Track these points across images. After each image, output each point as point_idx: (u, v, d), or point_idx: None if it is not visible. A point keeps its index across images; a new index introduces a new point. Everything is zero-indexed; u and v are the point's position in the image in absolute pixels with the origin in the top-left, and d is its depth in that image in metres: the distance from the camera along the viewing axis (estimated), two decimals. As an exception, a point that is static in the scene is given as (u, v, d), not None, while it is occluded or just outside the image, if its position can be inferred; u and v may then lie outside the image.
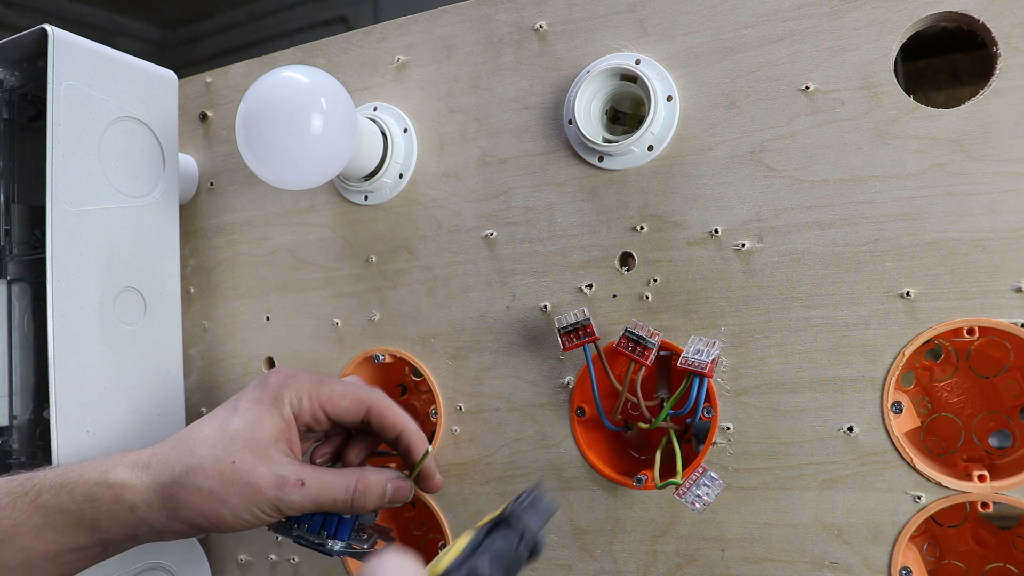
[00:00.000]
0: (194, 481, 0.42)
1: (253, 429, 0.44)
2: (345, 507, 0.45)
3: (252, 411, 0.45)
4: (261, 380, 0.47)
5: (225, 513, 0.42)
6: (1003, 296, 0.42)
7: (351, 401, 0.47)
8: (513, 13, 0.54)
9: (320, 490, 0.44)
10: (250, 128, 0.48)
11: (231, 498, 0.42)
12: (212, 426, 0.45)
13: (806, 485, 0.46)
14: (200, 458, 0.43)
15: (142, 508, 0.42)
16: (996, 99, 0.42)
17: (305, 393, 0.46)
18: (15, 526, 0.41)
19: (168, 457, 0.44)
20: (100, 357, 0.54)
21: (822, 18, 0.46)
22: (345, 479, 0.45)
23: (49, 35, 0.51)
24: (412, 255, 0.57)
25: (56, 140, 0.51)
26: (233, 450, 0.43)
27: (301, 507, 0.44)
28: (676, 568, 0.49)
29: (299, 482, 0.44)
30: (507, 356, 0.53)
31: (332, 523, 0.47)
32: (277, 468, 0.44)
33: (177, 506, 0.42)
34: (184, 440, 0.45)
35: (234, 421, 0.45)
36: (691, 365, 0.44)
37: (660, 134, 0.49)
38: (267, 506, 0.43)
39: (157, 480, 0.43)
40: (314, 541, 0.47)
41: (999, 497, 0.42)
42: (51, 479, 0.42)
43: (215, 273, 0.65)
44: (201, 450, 0.43)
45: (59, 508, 0.42)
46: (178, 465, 0.43)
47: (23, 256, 0.58)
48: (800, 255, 0.46)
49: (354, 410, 0.47)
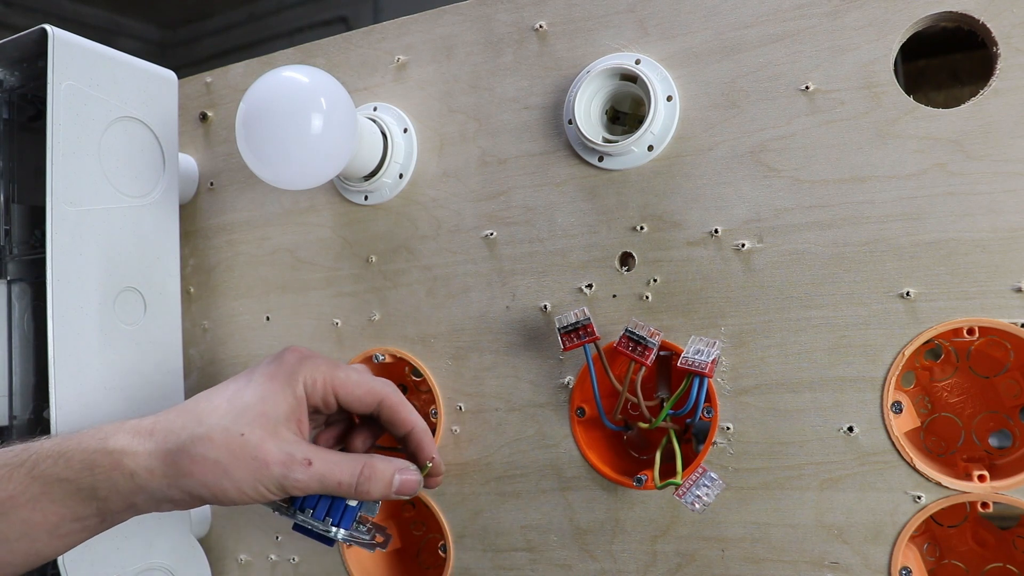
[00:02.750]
0: (200, 451, 0.42)
1: (265, 403, 0.44)
2: (349, 491, 0.45)
3: (266, 386, 0.44)
4: (277, 356, 0.46)
5: (228, 486, 0.42)
6: (1003, 296, 0.42)
7: (365, 391, 0.47)
8: (513, 13, 0.54)
9: (326, 472, 0.44)
10: (250, 128, 0.48)
11: (236, 471, 0.42)
12: (222, 397, 0.44)
13: (806, 485, 0.46)
14: (208, 428, 0.42)
15: (142, 475, 0.41)
16: (996, 99, 0.42)
17: (320, 375, 0.46)
18: (12, 497, 0.40)
19: (173, 424, 0.43)
20: (100, 357, 0.54)
21: (822, 18, 0.46)
22: (352, 463, 0.45)
23: (49, 35, 0.50)
24: (412, 255, 0.57)
25: (56, 140, 0.51)
26: (243, 423, 0.43)
27: (305, 487, 0.43)
28: (676, 568, 0.49)
29: (306, 461, 0.43)
30: (507, 356, 0.53)
31: (337, 511, 0.47)
32: (286, 445, 0.43)
33: (180, 474, 0.41)
34: (191, 409, 0.44)
35: (246, 394, 0.44)
36: (691, 365, 0.44)
37: (660, 134, 0.49)
38: (272, 483, 0.43)
39: (160, 447, 0.42)
40: (318, 527, 0.46)
41: (999, 497, 0.42)
42: (48, 448, 0.42)
43: (215, 273, 0.65)
44: (210, 420, 0.43)
45: (57, 477, 0.41)
46: (184, 433, 0.42)
47: (23, 256, 0.58)
48: (800, 255, 0.46)
49: (367, 400, 0.47)
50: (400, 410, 0.48)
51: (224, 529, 0.64)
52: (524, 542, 0.53)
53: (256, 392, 0.44)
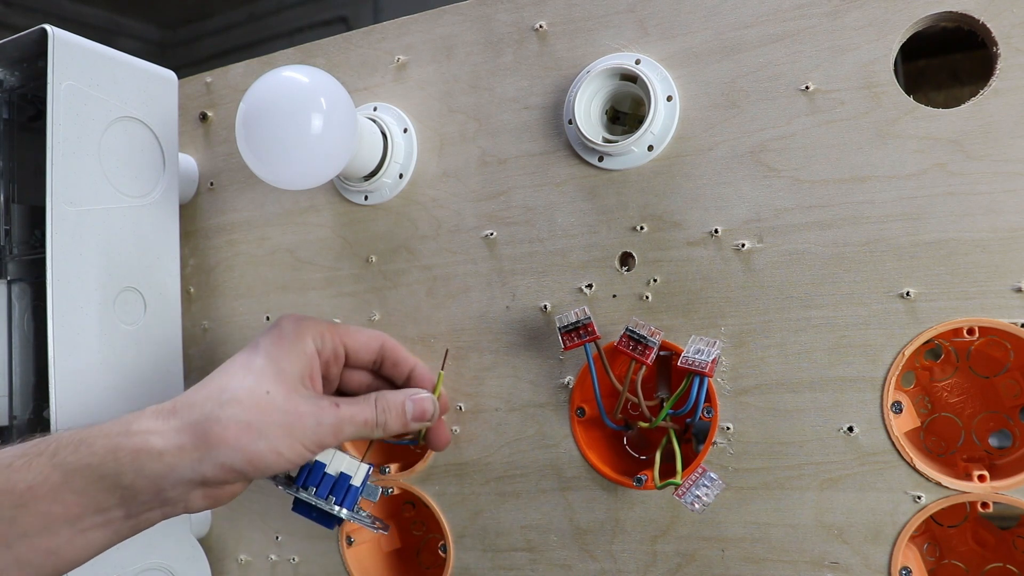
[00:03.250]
0: (229, 413, 0.40)
1: (279, 363, 0.43)
2: (373, 428, 0.45)
3: (274, 349, 0.44)
4: (274, 324, 0.46)
5: (264, 447, 0.40)
6: (1003, 296, 0.42)
7: (368, 336, 0.48)
8: (513, 13, 0.54)
9: (354, 412, 0.44)
10: (250, 128, 0.48)
11: (271, 429, 0.41)
12: (235, 366, 0.44)
13: (806, 485, 0.46)
14: (232, 392, 0.41)
15: (172, 453, 0.39)
16: (996, 99, 0.42)
17: (324, 329, 0.46)
18: (32, 488, 0.38)
19: (194, 399, 0.42)
20: (100, 357, 0.54)
21: (822, 18, 0.46)
22: (367, 402, 0.45)
23: (49, 35, 0.50)
24: (412, 255, 0.57)
25: (56, 140, 0.51)
26: (264, 382, 0.42)
27: (337, 432, 0.43)
28: (676, 568, 0.49)
29: (334, 404, 0.43)
30: (507, 356, 0.53)
31: (340, 491, 0.47)
32: (310, 397, 0.43)
33: (211, 444, 0.40)
34: (208, 383, 0.43)
35: (257, 360, 0.44)
36: (691, 365, 0.44)
37: (660, 134, 0.49)
38: (306, 436, 0.42)
39: (187, 421, 0.40)
40: (322, 505, 0.46)
41: (999, 497, 0.42)
42: (68, 437, 0.40)
43: (215, 273, 0.65)
44: (232, 385, 0.42)
45: (78, 464, 0.38)
46: (208, 403, 0.41)
47: (23, 256, 0.58)
48: (800, 255, 0.46)
49: (371, 345, 0.48)
50: (400, 349, 0.49)
51: (224, 529, 0.64)
52: (524, 542, 0.53)
53: (267, 356, 0.44)
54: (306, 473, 0.47)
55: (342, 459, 0.48)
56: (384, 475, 0.56)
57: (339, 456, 0.48)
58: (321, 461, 0.47)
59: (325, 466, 0.47)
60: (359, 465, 0.48)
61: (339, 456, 0.48)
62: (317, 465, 0.47)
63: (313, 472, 0.47)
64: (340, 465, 0.47)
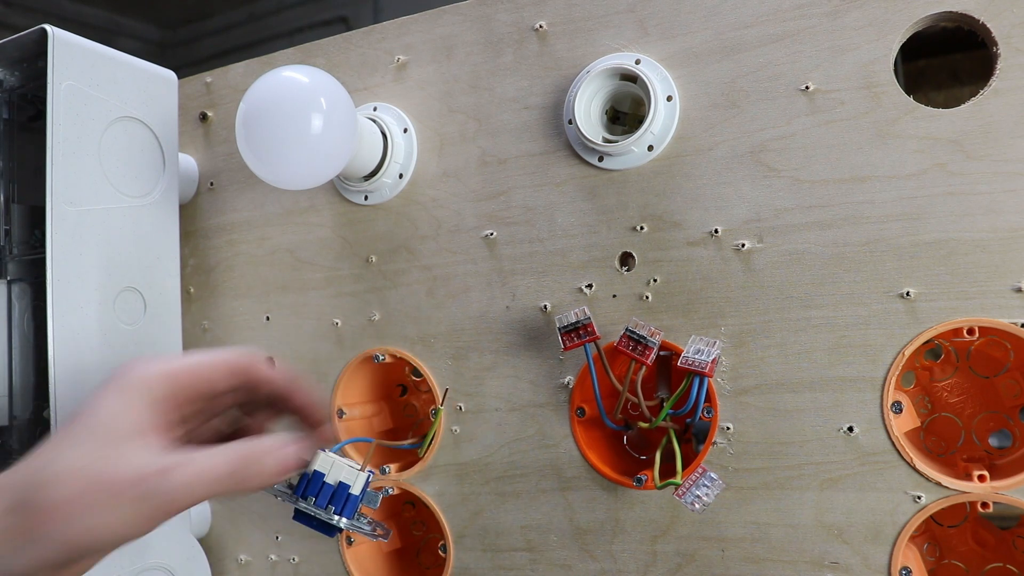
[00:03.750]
0: (50, 495, 0.36)
1: (114, 419, 0.38)
2: (231, 484, 0.39)
3: (109, 401, 0.39)
4: (109, 378, 0.41)
5: (94, 523, 0.36)
6: (1003, 296, 0.42)
7: (213, 361, 0.41)
8: (513, 13, 0.54)
9: (196, 473, 0.38)
10: (250, 128, 0.48)
11: (97, 507, 0.36)
12: (68, 429, 0.39)
13: (806, 485, 0.46)
14: (58, 467, 0.37)
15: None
16: (996, 99, 0.42)
17: (159, 369, 0.40)
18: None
19: (13, 479, 0.37)
20: (100, 357, 0.54)
21: (822, 18, 0.46)
22: (226, 453, 0.39)
23: (49, 35, 0.50)
24: (412, 255, 0.57)
25: (56, 140, 0.51)
26: (92, 448, 0.37)
27: (172, 499, 0.37)
28: (676, 568, 0.49)
29: (180, 464, 0.37)
30: (507, 356, 0.53)
31: (340, 500, 0.47)
32: (150, 457, 0.37)
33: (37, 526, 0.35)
34: (39, 454, 0.38)
35: (91, 417, 0.39)
36: (691, 365, 0.44)
37: (660, 134, 0.49)
38: (134, 508, 0.37)
39: (8, 503, 0.36)
40: (320, 516, 0.46)
41: (999, 497, 0.42)
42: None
43: (215, 273, 0.65)
44: (59, 458, 0.37)
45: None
46: (30, 482, 0.36)
47: (23, 256, 0.58)
48: (800, 255, 0.46)
49: (221, 370, 0.41)
50: (262, 368, 0.42)
51: (224, 529, 0.64)
52: (524, 542, 0.53)
53: (101, 411, 0.39)
54: (305, 483, 0.47)
55: (341, 467, 0.47)
56: (384, 475, 0.56)
57: (338, 464, 0.47)
58: (320, 471, 0.47)
59: (324, 475, 0.47)
60: (358, 474, 0.48)
61: (338, 464, 0.47)
62: (316, 475, 0.47)
63: (312, 482, 0.47)
64: (339, 474, 0.47)
